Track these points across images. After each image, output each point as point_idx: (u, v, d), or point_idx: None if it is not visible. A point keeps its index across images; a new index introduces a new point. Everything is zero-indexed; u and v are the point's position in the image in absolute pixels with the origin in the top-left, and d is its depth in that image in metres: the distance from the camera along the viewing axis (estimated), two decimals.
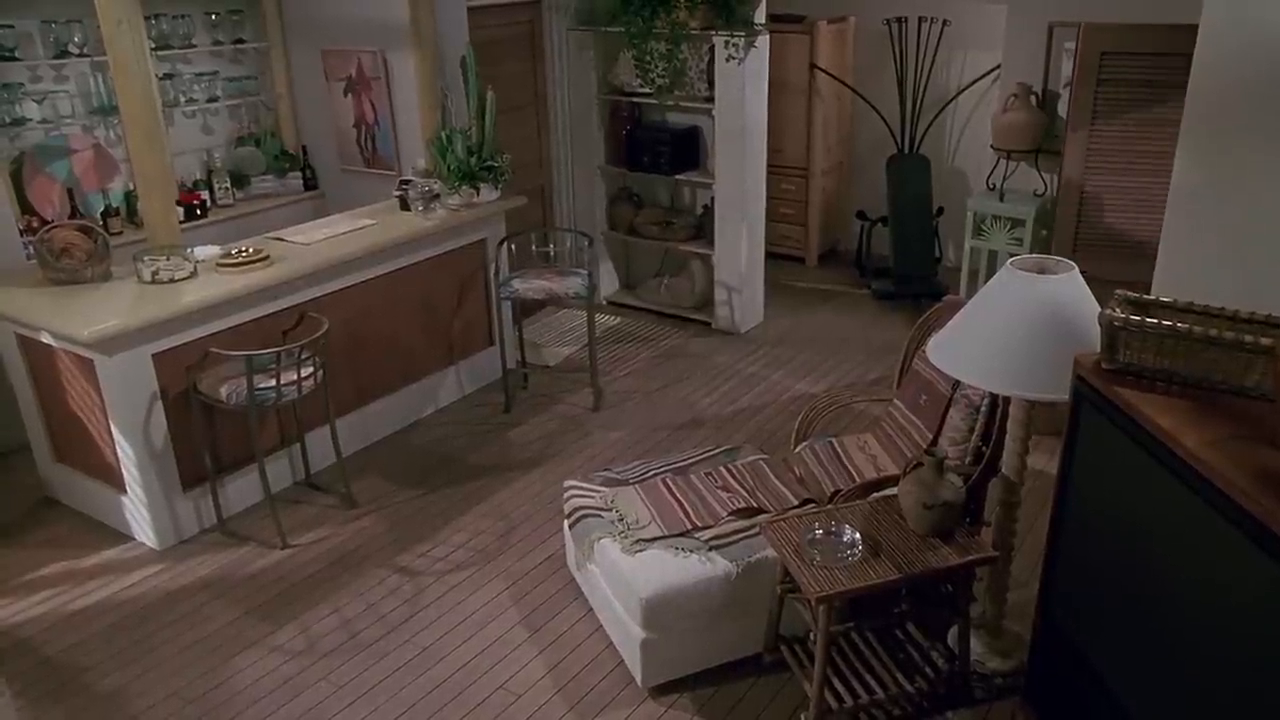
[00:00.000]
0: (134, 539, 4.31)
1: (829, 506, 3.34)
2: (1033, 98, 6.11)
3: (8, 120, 5.05)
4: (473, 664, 3.53)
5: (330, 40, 5.96)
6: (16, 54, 5.03)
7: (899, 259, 6.81)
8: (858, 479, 3.60)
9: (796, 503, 3.54)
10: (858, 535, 2.97)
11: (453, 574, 4.04)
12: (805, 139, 7.30)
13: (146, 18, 4.44)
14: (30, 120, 5.14)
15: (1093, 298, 2.84)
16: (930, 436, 3.54)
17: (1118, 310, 2.42)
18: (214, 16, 5.87)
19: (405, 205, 5.26)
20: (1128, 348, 2.40)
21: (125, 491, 4.23)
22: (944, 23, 6.87)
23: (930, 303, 5.35)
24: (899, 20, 6.96)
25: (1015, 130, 6.09)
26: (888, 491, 3.37)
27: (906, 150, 7.05)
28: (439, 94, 5.49)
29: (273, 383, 4.04)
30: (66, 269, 4.24)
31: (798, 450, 3.91)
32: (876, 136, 7.45)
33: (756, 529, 3.35)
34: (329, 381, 4.35)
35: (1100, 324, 2.44)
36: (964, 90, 7.03)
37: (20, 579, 4.10)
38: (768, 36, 5.98)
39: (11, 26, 5.00)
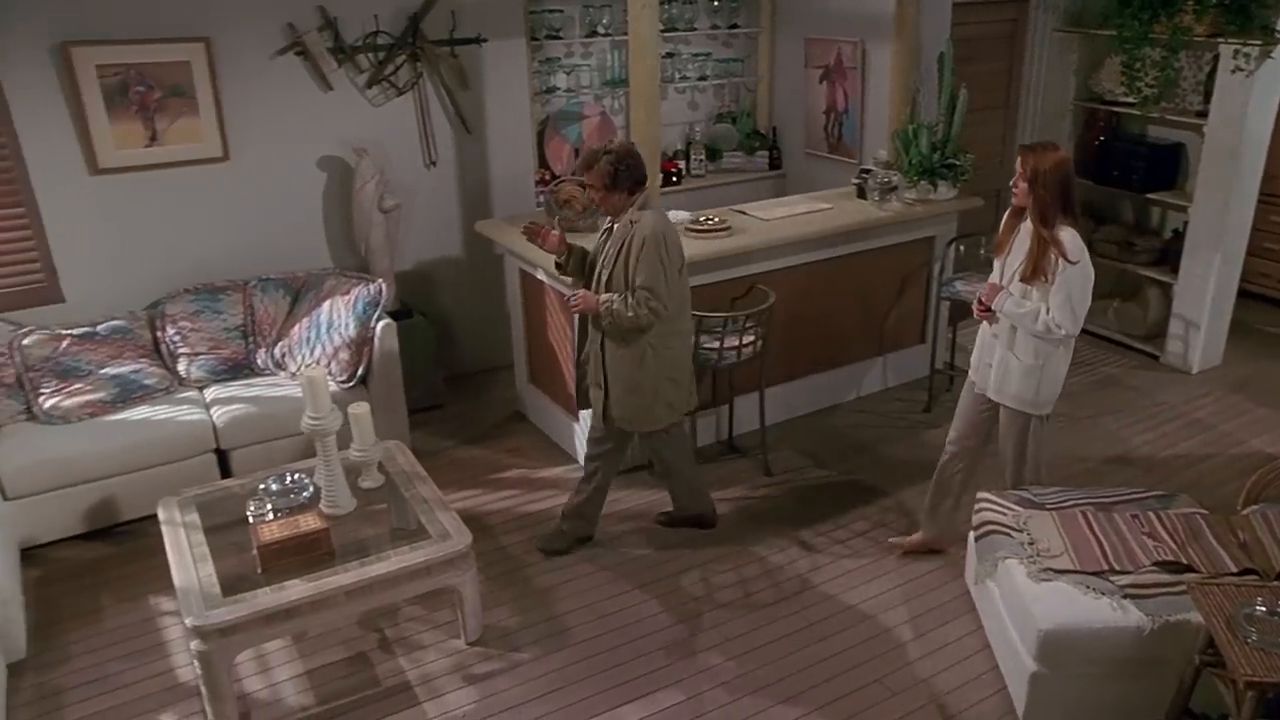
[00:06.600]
0: (578, 462, 4.90)
1: (1276, 583, 3.06)
2: None
3: (543, 89, 5.96)
4: (854, 651, 3.66)
5: (815, 29, 6.24)
6: (560, 33, 5.90)
7: None
8: None
9: (1235, 569, 3.27)
10: None
11: (849, 559, 4.19)
12: None
13: (660, 2, 5.00)
14: (558, 89, 6.03)
15: None
16: None
17: None
18: (715, 2, 6.40)
19: (862, 194, 5.42)
20: None
21: (577, 419, 4.84)
22: None
23: None
24: None
25: None
26: None
27: None
28: (911, 88, 5.55)
29: (716, 345, 4.41)
30: (566, 218, 4.90)
31: (1245, 512, 3.59)
32: None
33: (1183, 587, 3.14)
34: (765, 352, 4.65)
35: None
36: None
37: (490, 476, 4.89)
38: None
39: (561, 11, 5.88)
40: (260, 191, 5.07)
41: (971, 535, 3.79)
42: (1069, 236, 3.48)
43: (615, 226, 3.82)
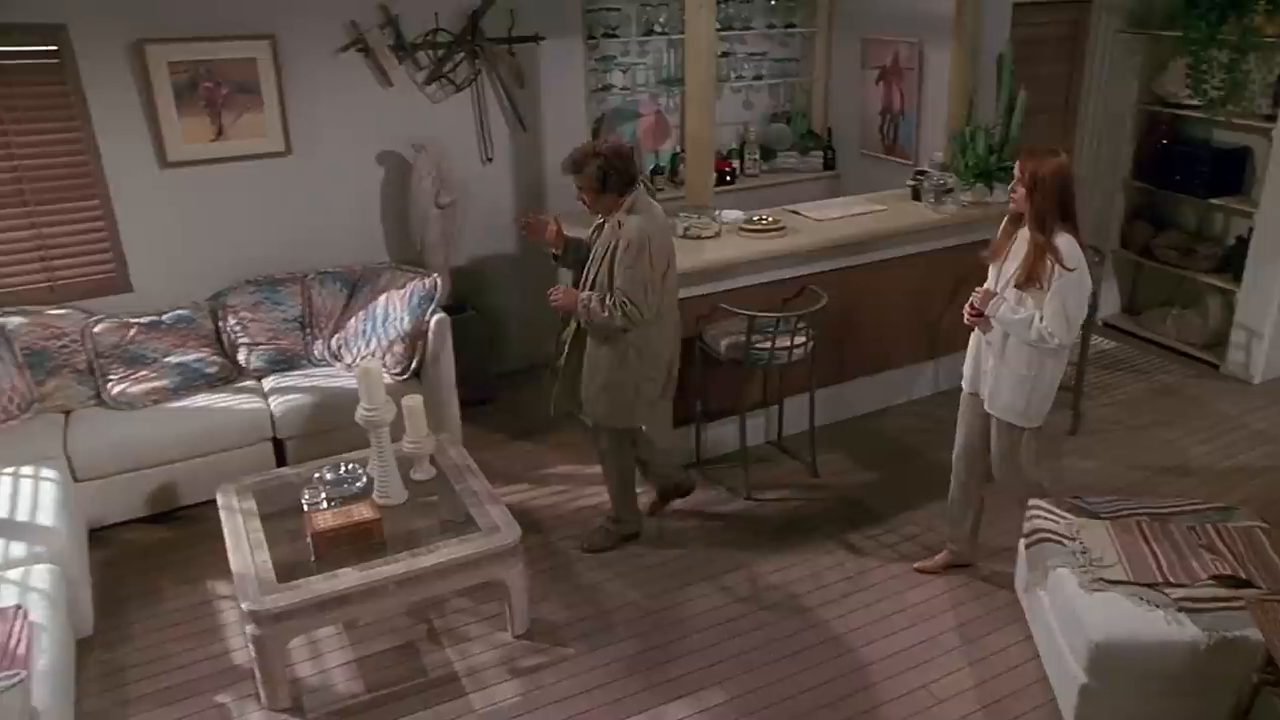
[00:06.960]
0: None
1: None
2: None
3: (599, 86, 6.00)
4: (900, 656, 3.64)
5: (872, 29, 6.21)
6: (617, 32, 5.93)
7: None
8: None
9: None
10: None
11: (897, 564, 4.17)
12: None
13: (717, 1, 5.01)
14: (614, 87, 6.07)
15: None
16: None
17: None
18: (772, 2, 6.39)
19: (917, 195, 5.38)
20: None
21: None
22: None
23: None
24: None
25: None
26: None
27: None
28: (969, 89, 5.49)
29: (767, 345, 4.41)
30: None
31: None
32: None
33: (1241, 602, 3.08)
34: (816, 353, 4.63)
35: None
36: None
37: (538, 471, 4.94)
38: None
39: (618, 10, 5.91)
40: (320, 186, 5.17)
41: (1022, 543, 3.75)
42: (1066, 244, 3.38)
43: (606, 225, 3.81)
